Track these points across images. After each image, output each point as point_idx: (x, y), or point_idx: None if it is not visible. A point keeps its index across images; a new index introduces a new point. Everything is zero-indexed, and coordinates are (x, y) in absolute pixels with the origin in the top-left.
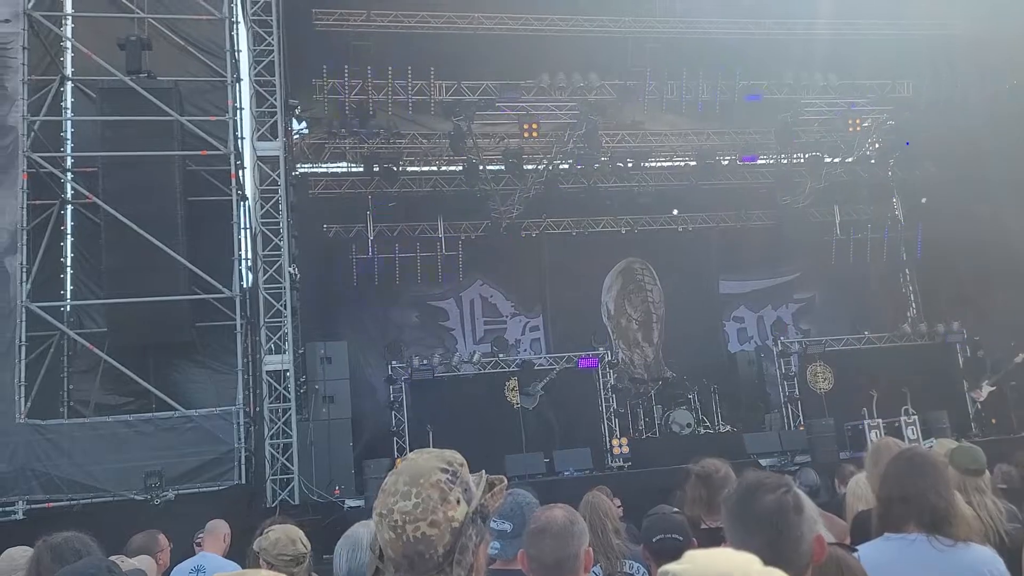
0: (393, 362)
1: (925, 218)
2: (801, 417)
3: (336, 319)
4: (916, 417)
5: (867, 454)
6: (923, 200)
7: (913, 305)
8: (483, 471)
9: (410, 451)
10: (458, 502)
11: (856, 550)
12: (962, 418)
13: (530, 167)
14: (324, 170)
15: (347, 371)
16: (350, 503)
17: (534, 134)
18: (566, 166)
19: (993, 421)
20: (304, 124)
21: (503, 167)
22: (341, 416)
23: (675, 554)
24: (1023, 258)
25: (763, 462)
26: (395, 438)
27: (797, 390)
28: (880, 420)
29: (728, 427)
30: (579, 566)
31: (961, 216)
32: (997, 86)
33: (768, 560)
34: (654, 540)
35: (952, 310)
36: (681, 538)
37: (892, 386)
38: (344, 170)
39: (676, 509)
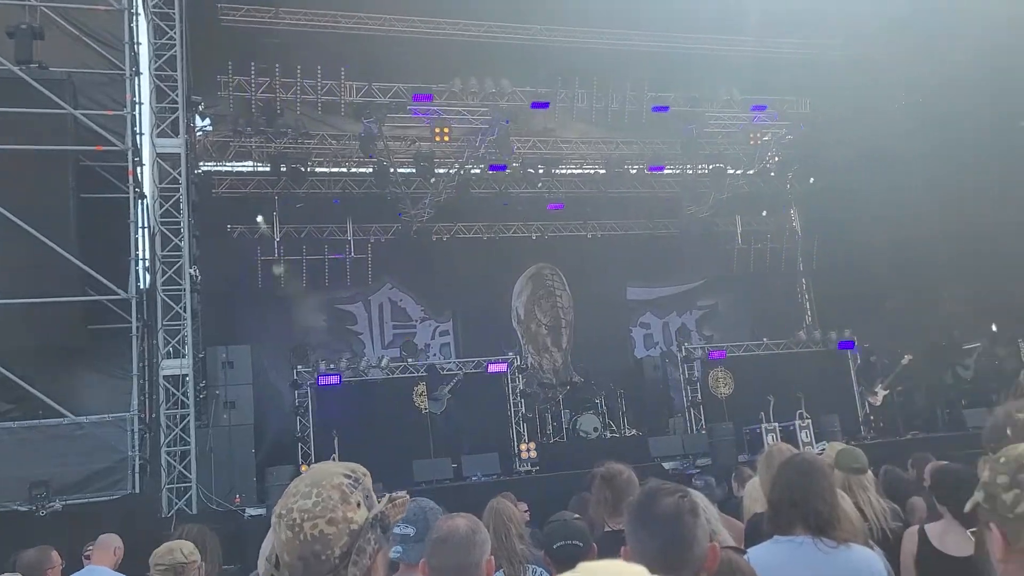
0: (299, 367)
1: (820, 230)
2: (703, 421)
3: (239, 322)
4: (810, 421)
5: (760, 458)
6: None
7: (809, 313)
8: (387, 495)
9: (315, 458)
10: (358, 505)
11: (746, 552)
12: (852, 421)
13: (441, 171)
14: (228, 169)
15: (250, 376)
16: (251, 511)
17: (446, 138)
18: (477, 171)
19: (881, 424)
20: (208, 121)
21: (414, 170)
22: (243, 422)
23: (575, 560)
24: (911, 269)
25: (666, 465)
26: (300, 444)
27: (699, 395)
28: (776, 424)
29: (634, 431)
30: (480, 575)
31: (854, 228)
32: (891, 104)
33: (664, 561)
34: (555, 546)
35: (844, 318)
36: (581, 544)
37: (788, 391)
38: (250, 169)
39: (576, 515)
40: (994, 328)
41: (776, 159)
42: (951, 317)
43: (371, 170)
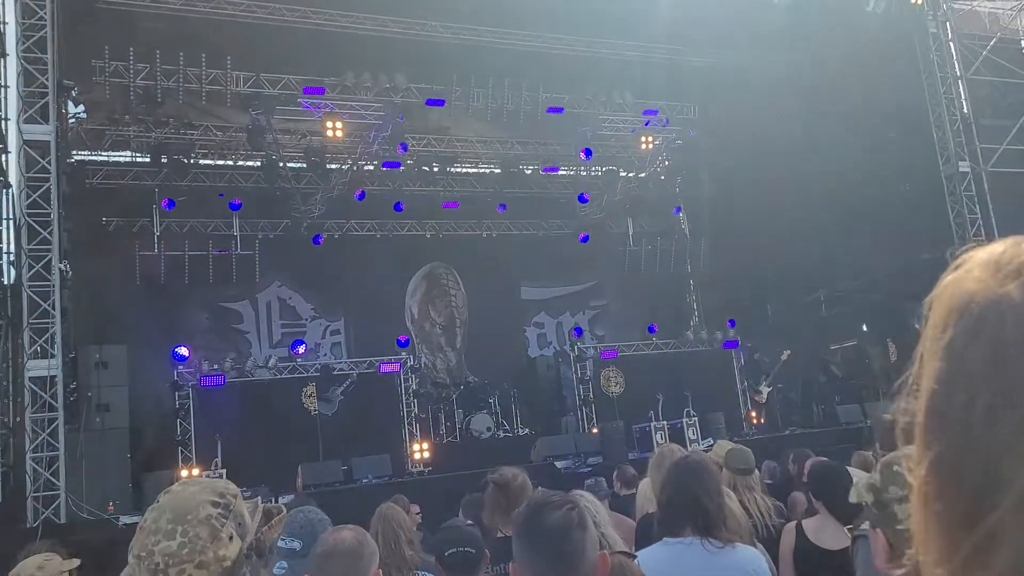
0: (180, 367)
1: (708, 232)
2: (595, 419)
3: (115, 321)
4: (696, 419)
5: (651, 459)
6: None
7: (696, 313)
8: (259, 499)
9: (196, 461)
10: (231, 538)
11: (636, 556)
12: (736, 419)
13: (333, 167)
14: (105, 159)
15: (126, 377)
16: (125, 520)
17: (338, 133)
18: (371, 167)
19: (762, 421)
20: (82, 108)
21: (304, 165)
22: (117, 426)
23: (468, 567)
24: (790, 272)
25: (558, 464)
26: (180, 448)
27: (591, 394)
28: (665, 422)
29: (527, 430)
30: None
31: (739, 232)
32: (773, 111)
33: (554, 574)
34: (446, 554)
35: (729, 318)
36: (474, 551)
37: (676, 389)
38: (128, 160)
39: (470, 521)
40: (864, 328)
41: (666, 163)
42: (826, 318)
43: (259, 164)
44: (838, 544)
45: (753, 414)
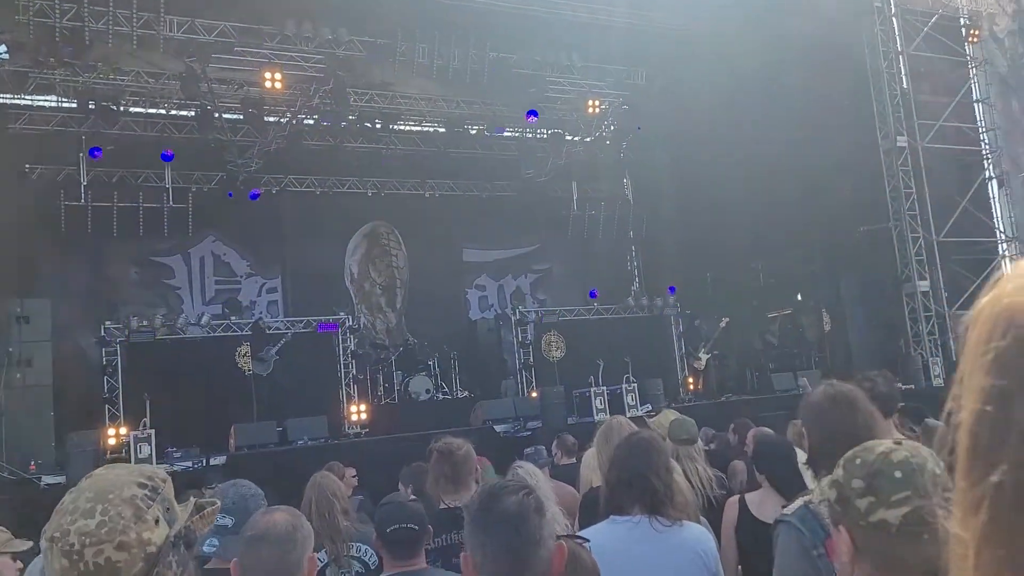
0: (107, 323)
1: (651, 199)
2: (534, 384)
3: (38, 273)
4: (635, 385)
5: (599, 431)
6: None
7: (636, 279)
8: (192, 496)
9: (124, 420)
10: (157, 522)
11: (587, 540)
12: (673, 385)
13: (272, 119)
14: (28, 103)
15: (49, 332)
16: (48, 480)
17: (277, 84)
18: (311, 122)
19: (699, 387)
20: (3, 48)
21: (242, 116)
22: (40, 383)
23: (411, 543)
24: (729, 240)
25: (497, 428)
26: (108, 406)
27: (532, 358)
28: (604, 388)
29: (466, 393)
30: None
31: (681, 199)
32: (725, 81)
33: (508, 566)
34: (388, 530)
35: (670, 285)
36: (417, 527)
37: (616, 355)
38: (53, 105)
39: (414, 497)
40: (799, 298)
41: (612, 128)
42: (763, 288)
43: (193, 114)
44: None
45: (691, 380)
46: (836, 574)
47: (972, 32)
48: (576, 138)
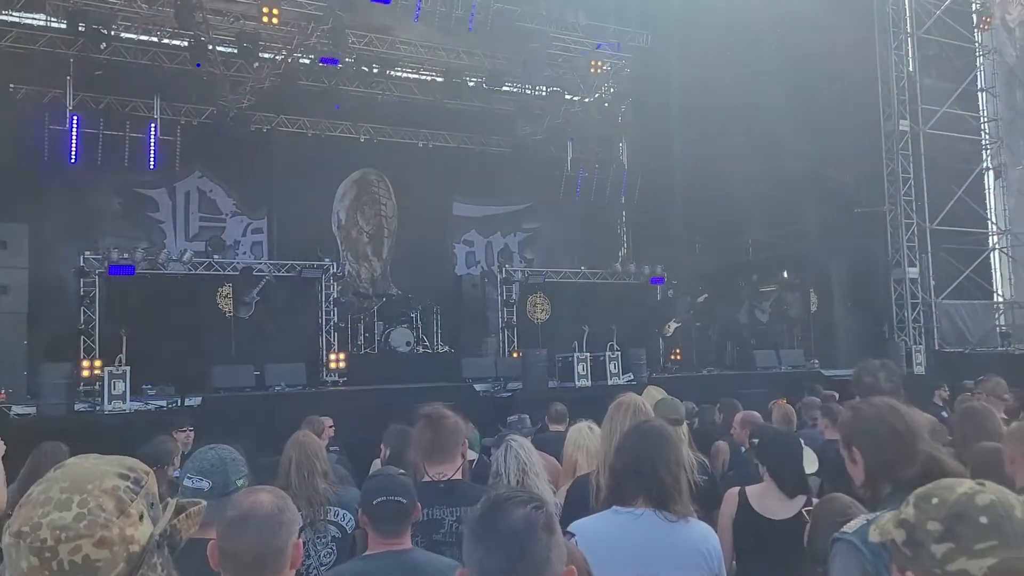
0: (87, 253)
1: (646, 166)
2: (516, 344)
3: (17, 198)
4: (619, 353)
5: (610, 408)
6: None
7: (625, 245)
8: (170, 499)
9: (100, 354)
10: (141, 519)
11: (574, 535)
12: (655, 355)
13: (267, 56)
14: (16, 20)
15: (26, 259)
16: (18, 410)
17: (274, 20)
18: (307, 61)
19: (677, 357)
20: None
21: (236, 51)
22: (15, 310)
23: (398, 518)
24: (722, 213)
25: (477, 387)
26: (83, 338)
27: (516, 318)
28: (588, 354)
29: (447, 348)
30: (285, 562)
31: (676, 169)
32: (730, 51)
33: None
34: (374, 503)
35: (658, 253)
36: (404, 500)
37: (602, 321)
38: (42, 23)
39: (402, 471)
40: (785, 275)
41: (612, 90)
42: (752, 263)
43: (186, 44)
44: (782, 514)
45: (676, 351)
46: None
47: (984, 19)
48: (575, 98)
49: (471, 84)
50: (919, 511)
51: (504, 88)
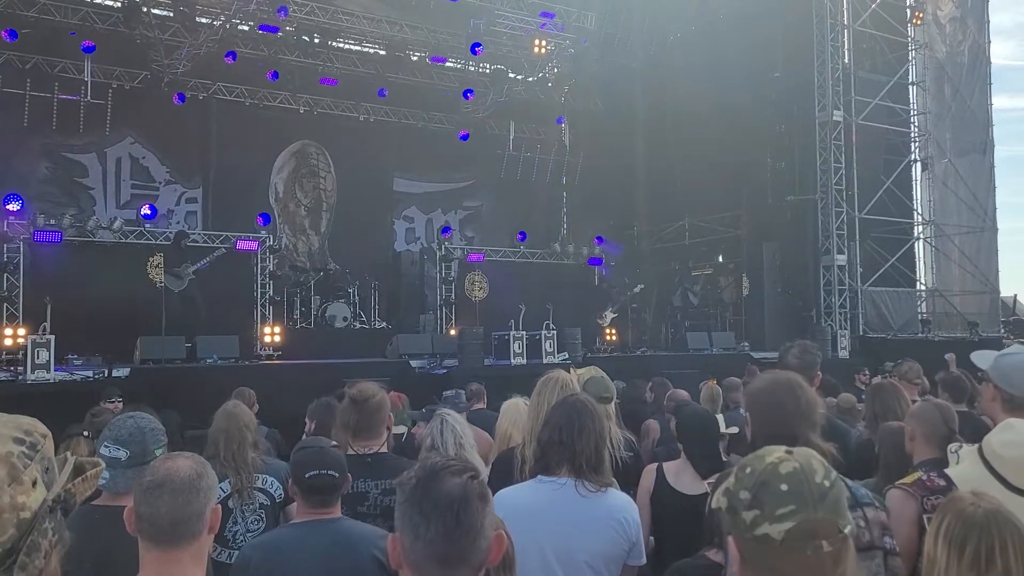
0: (11, 218)
1: (586, 146)
2: (453, 321)
3: None
4: (555, 332)
5: (539, 383)
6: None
7: (564, 226)
8: (69, 453)
9: (23, 320)
10: (34, 485)
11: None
12: (591, 335)
13: (204, 21)
14: None
15: None
16: None
17: None
18: (246, 28)
19: (612, 338)
20: None
21: (172, 14)
22: None
23: (329, 490)
24: (661, 197)
25: (413, 363)
26: (6, 305)
27: (454, 295)
28: (524, 333)
29: (384, 324)
30: (203, 527)
31: (616, 150)
32: (669, 37)
33: (441, 553)
34: (307, 476)
35: (596, 234)
36: (337, 475)
37: (539, 300)
38: None
39: (334, 443)
40: (720, 259)
41: (555, 70)
42: (687, 247)
43: (120, 5)
44: (695, 490)
45: (611, 331)
46: None
47: (916, 14)
48: (519, 76)
49: (414, 59)
50: (736, 480)
51: (448, 64)
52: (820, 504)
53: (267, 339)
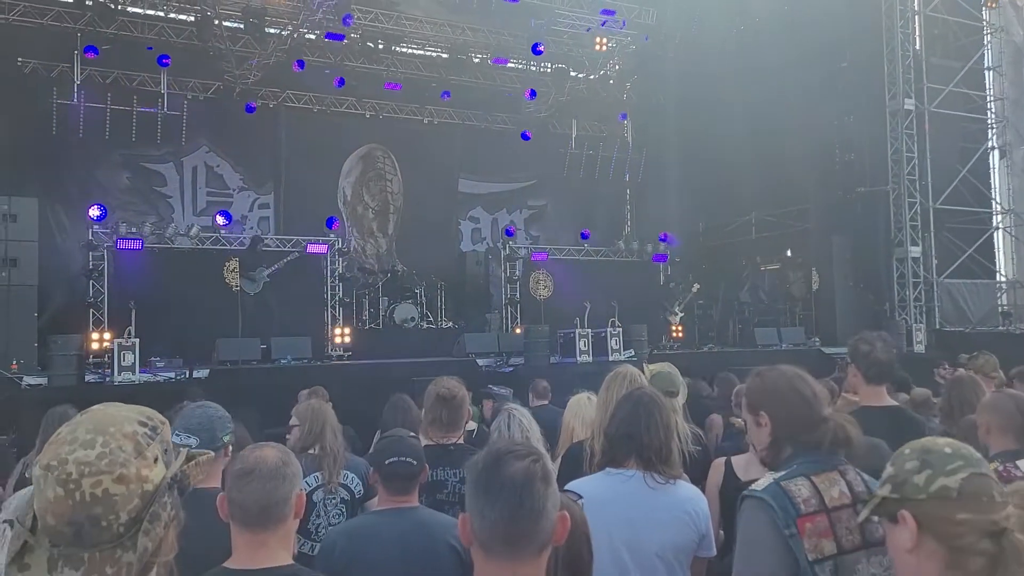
0: (95, 227)
1: (649, 143)
2: (519, 320)
3: (26, 172)
4: (620, 329)
5: (607, 378)
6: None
7: (628, 223)
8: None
9: (108, 326)
10: (155, 461)
11: (581, 497)
12: (657, 332)
13: (273, 31)
14: None
15: (36, 232)
16: (29, 380)
17: None
18: (312, 37)
19: (678, 334)
20: None
21: (242, 26)
22: (25, 282)
23: (407, 477)
24: (727, 192)
25: (480, 362)
26: (92, 311)
27: (519, 294)
28: (590, 330)
29: (450, 324)
30: (289, 512)
31: (679, 147)
32: (737, 29)
33: (506, 534)
34: (387, 462)
35: (661, 232)
36: (415, 462)
37: (604, 298)
38: None
39: (412, 433)
40: (788, 254)
41: (617, 68)
42: (755, 241)
43: (193, 19)
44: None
45: (677, 328)
46: (805, 552)
47: None
48: (580, 75)
49: (476, 61)
50: (895, 464)
51: (509, 64)
52: (981, 464)
53: (337, 340)
